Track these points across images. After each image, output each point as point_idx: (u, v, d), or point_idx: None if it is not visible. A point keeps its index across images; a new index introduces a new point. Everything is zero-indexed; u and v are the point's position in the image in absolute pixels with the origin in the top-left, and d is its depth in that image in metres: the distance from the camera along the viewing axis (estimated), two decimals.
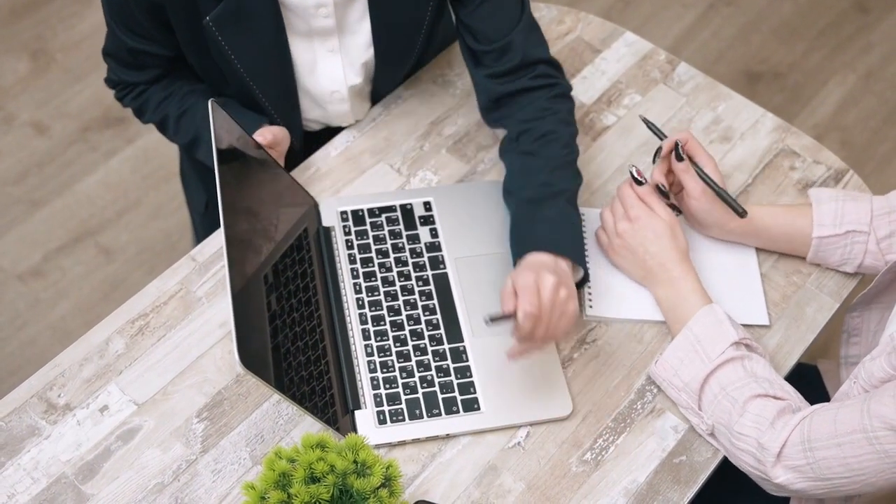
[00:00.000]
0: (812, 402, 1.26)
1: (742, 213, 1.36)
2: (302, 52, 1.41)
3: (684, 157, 1.37)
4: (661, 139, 1.40)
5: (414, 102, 1.58)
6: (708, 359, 1.26)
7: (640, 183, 1.37)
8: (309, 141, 1.57)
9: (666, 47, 2.74)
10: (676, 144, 1.37)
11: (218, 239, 1.43)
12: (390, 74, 1.53)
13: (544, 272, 1.23)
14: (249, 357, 1.12)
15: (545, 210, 1.33)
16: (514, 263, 1.31)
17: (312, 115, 1.52)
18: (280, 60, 1.40)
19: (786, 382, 1.26)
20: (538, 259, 1.28)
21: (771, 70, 2.82)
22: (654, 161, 1.40)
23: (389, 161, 1.52)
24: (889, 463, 1.12)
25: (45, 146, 2.56)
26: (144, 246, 2.41)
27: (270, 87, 1.43)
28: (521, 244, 1.31)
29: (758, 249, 1.45)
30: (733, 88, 1.64)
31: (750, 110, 1.60)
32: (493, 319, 1.22)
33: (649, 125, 1.42)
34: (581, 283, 1.35)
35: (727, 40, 2.88)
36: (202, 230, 1.76)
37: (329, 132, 1.56)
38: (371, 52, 1.44)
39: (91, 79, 2.68)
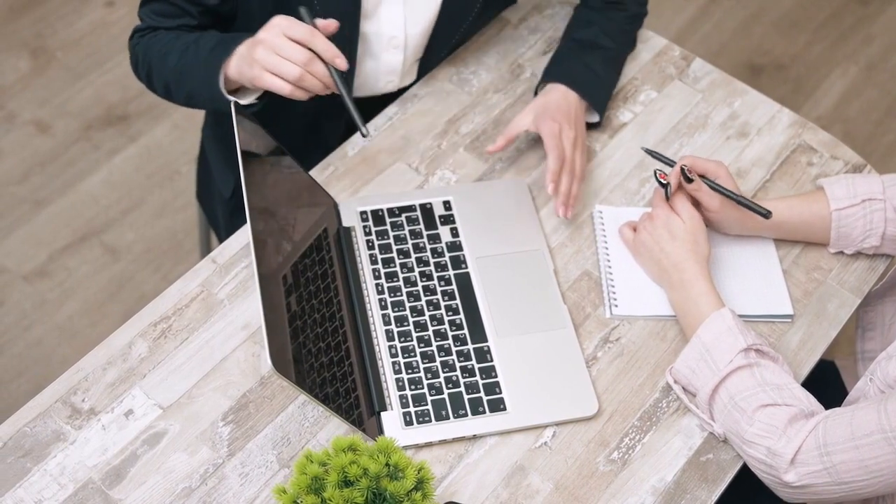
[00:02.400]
0: (831, 399, 1.26)
1: (767, 215, 1.36)
2: None
3: (693, 177, 1.36)
4: (671, 165, 1.40)
5: (430, 101, 1.57)
6: (717, 368, 1.25)
7: (663, 185, 1.37)
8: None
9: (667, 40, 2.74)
10: (682, 169, 1.35)
11: (237, 240, 1.43)
12: (448, 29, 1.53)
13: (566, 124, 1.44)
14: (277, 359, 1.12)
15: (588, 56, 1.53)
16: (539, 85, 1.53)
17: (364, 68, 1.52)
18: None
19: (798, 387, 1.24)
20: (561, 97, 1.47)
21: (773, 62, 2.82)
22: (667, 198, 1.37)
23: (407, 160, 1.52)
24: None
25: (48, 145, 2.54)
26: (150, 244, 2.40)
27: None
28: (556, 73, 1.51)
29: (777, 241, 1.45)
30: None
31: (766, 106, 1.60)
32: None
33: (654, 155, 1.42)
34: (593, 125, 1.55)
35: (729, 33, 2.88)
36: (225, 217, 1.75)
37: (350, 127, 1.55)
38: (435, 2, 1.48)
39: (92, 77, 2.66)
